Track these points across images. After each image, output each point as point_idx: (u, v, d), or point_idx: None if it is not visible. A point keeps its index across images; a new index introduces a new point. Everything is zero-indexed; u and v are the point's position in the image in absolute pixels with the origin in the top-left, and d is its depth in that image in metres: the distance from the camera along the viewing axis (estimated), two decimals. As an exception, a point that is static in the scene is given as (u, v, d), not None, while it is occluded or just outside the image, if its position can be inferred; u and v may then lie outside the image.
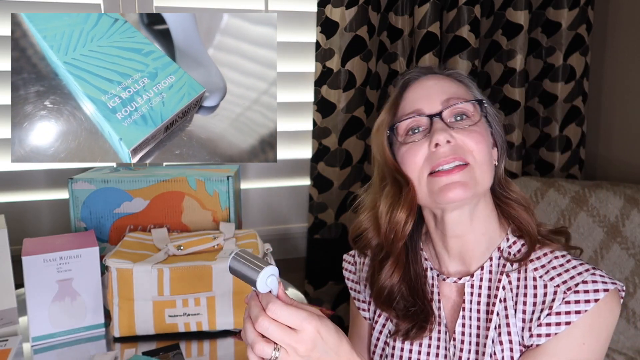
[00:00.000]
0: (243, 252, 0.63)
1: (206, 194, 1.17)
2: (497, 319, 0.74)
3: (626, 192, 1.37)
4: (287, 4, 1.47)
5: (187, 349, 0.95)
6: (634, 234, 1.32)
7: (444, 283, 0.80)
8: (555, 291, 0.71)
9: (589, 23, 1.57)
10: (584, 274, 0.71)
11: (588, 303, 0.69)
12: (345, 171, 1.50)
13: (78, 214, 1.15)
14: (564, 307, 0.70)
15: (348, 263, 0.94)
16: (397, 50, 1.50)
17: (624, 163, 1.60)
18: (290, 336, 0.61)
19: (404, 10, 1.47)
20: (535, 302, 0.72)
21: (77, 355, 0.94)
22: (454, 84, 0.79)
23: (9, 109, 1.08)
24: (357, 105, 1.47)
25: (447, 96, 0.76)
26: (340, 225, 1.53)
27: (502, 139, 0.81)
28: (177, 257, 1.00)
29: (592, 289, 0.70)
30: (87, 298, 0.99)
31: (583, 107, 1.62)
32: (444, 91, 0.77)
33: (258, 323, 0.60)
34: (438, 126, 0.74)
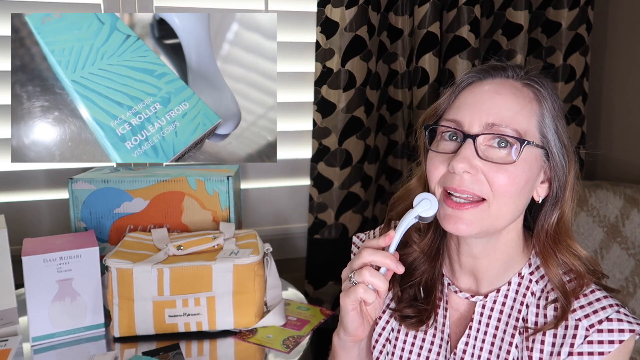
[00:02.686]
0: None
1: (206, 194, 1.17)
2: (515, 351, 0.71)
3: (626, 192, 1.36)
4: (287, 4, 1.47)
5: (187, 349, 0.95)
6: (634, 234, 1.32)
7: (454, 294, 0.79)
8: (576, 325, 0.67)
9: (589, 23, 1.57)
10: (608, 309, 0.67)
11: (612, 344, 0.65)
12: (345, 171, 1.50)
13: (78, 214, 1.15)
14: (586, 347, 0.66)
15: (357, 247, 0.92)
16: (397, 50, 1.50)
17: (624, 163, 1.60)
18: None
19: (404, 10, 1.47)
20: (556, 334, 0.68)
21: (77, 355, 0.94)
22: (519, 99, 0.67)
23: (9, 109, 1.08)
24: (357, 105, 1.47)
25: (493, 119, 0.66)
26: (340, 225, 1.53)
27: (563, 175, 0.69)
28: (177, 257, 1.00)
29: (617, 329, 0.65)
30: (87, 298, 0.99)
31: (583, 107, 1.62)
32: (495, 109, 0.66)
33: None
34: (465, 152, 0.65)
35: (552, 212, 0.71)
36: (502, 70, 0.71)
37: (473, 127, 0.67)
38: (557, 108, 0.69)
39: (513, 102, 0.67)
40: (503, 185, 0.66)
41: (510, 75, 0.70)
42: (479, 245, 0.73)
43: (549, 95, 0.69)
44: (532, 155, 0.68)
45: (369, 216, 1.58)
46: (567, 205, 0.70)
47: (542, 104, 0.68)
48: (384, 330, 0.83)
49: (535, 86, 0.69)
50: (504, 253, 0.74)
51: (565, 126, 0.70)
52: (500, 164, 0.66)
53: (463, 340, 0.75)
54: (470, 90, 0.70)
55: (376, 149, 1.56)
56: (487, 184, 0.66)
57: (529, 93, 0.69)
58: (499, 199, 0.66)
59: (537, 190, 0.71)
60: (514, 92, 0.68)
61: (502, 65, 0.71)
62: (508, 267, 0.74)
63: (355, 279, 0.70)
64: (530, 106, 0.68)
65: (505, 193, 0.66)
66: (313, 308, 1.12)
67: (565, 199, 0.70)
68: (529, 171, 0.67)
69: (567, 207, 0.71)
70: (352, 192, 1.52)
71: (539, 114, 0.68)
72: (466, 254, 0.75)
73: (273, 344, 0.97)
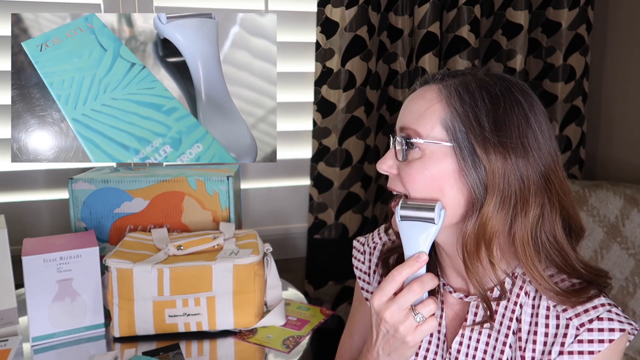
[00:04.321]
0: (405, 200, 0.71)
1: (206, 194, 1.17)
2: (509, 351, 0.71)
3: (626, 192, 1.36)
4: (287, 4, 1.47)
5: (187, 349, 0.95)
6: (634, 234, 1.32)
7: (449, 294, 0.79)
8: (567, 324, 0.67)
9: (589, 23, 1.57)
10: (599, 308, 0.67)
11: (602, 343, 0.65)
12: (345, 171, 1.50)
13: (78, 214, 1.15)
14: (576, 346, 0.66)
15: (357, 251, 0.92)
16: (397, 50, 1.50)
17: (624, 163, 1.60)
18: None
19: (404, 10, 1.47)
20: (547, 332, 0.69)
21: (77, 355, 0.94)
22: (425, 102, 0.70)
23: (9, 109, 1.08)
24: (357, 105, 1.47)
25: (402, 123, 0.72)
26: (340, 226, 1.53)
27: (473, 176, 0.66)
28: (177, 257, 1.00)
29: (608, 328, 0.65)
30: (87, 298, 0.99)
31: (583, 107, 1.62)
32: (404, 114, 0.73)
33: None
34: (386, 155, 0.74)
35: (472, 216, 0.68)
36: (425, 80, 0.75)
37: (395, 133, 0.74)
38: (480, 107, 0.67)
39: (419, 105, 0.71)
40: (407, 182, 0.70)
41: (430, 81, 0.73)
42: (445, 242, 0.74)
43: (461, 95, 0.68)
44: (440, 153, 0.68)
45: (369, 216, 1.58)
46: (491, 214, 0.66)
47: (448, 104, 0.68)
48: None
49: (444, 88, 0.70)
50: None
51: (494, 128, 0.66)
52: (408, 162, 0.71)
53: (457, 340, 0.75)
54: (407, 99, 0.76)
55: (376, 149, 1.56)
56: (401, 182, 0.72)
57: (438, 95, 0.70)
58: (413, 194, 0.70)
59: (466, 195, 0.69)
60: (424, 95, 0.71)
61: (434, 73, 0.74)
62: (490, 267, 0.70)
63: (423, 315, 0.68)
64: (434, 107, 0.69)
65: (413, 188, 0.70)
66: (313, 308, 1.13)
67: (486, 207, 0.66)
68: (434, 167, 0.68)
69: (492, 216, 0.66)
70: (352, 192, 1.52)
71: (442, 113, 0.68)
72: (443, 252, 0.77)
73: (273, 344, 0.97)
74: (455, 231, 0.72)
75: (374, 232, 0.92)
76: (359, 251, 0.92)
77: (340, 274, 1.56)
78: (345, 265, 0.88)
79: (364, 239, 0.92)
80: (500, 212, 0.67)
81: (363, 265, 0.90)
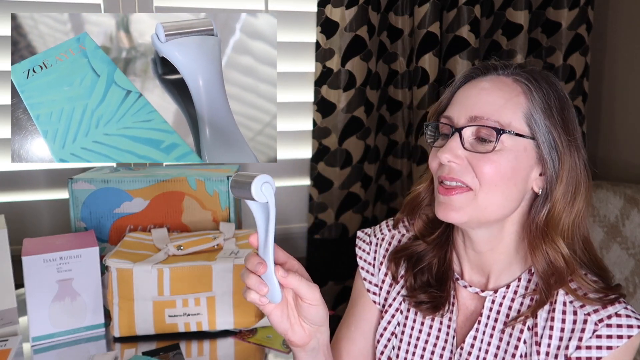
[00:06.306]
0: (240, 173, 0.64)
1: (206, 194, 1.17)
2: (524, 346, 0.72)
3: (626, 192, 1.36)
4: (287, 4, 1.47)
5: (187, 349, 0.95)
6: (634, 234, 1.32)
7: (462, 289, 0.79)
8: (585, 320, 0.69)
9: (589, 23, 1.57)
10: (617, 305, 0.69)
11: (620, 339, 0.67)
12: (345, 171, 1.50)
13: (78, 214, 1.15)
14: (594, 341, 0.68)
15: (363, 242, 0.90)
16: (397, 50, 1.50)
17: (624, 163, 1.60)
18: None
19: (404, 10, 1.47)
20: (564, 328, 0.70)
21: (77, 355, 0.94)
22: (505, 94, 0.70)
23: (9, 109, 1.08)
24: (357, 105, 1.47)
25: (476, 113, 0.70)
26: (340, 226, 1.53)
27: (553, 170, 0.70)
28: (177, 257, 1.00)
29: (626, 324, 0.68)
30: (87, 298, 0.99)
31: (583, 107, 1.62)
32: (480, 104, 0.70)
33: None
34: (450, 144, 0.70)
35: (543, 206, 0.72)
36: (493, 68, 0.75)
37: (460, 121, 0.71)
38: (553, 103, 0.71)
39: (498, 97, 0.70)
40: (486, 174, 0.69)
41: (501, 72, 0.74)
42: (482, 238, 0.75)
43: (540, 89, 0.71)
44: (520, 146, 0.70)
45: (369, 216, 1.58)
46: (558, 202, 0.71)
47: (529, 98, 0.70)
48: (389, 325, 0.83)
49: (524, 81, 0.71)
50: (508, 247, 0.75)
51: (563, 123, 0.71)
52: (484, 154, 0.69)
53: (471, 335, 0.76)
54: (463, 88, 0.75)
55: (376, 149, 1.56)
56: (473, 173, 0.69)
57: (517, 87, 0.71)
58: (484, 187, 0.69)
59: (536, 182, 0.72)
60: (501, 87, 0.71)
61: (494, 64, 0.75)
62: (515, 262, 0.76)
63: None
64: (516, 100, 0.70)
65: (489, 181, 0.69)
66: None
67: (555, 195, 0.71)
68: (514, 161, 0.69)
69: (559, 204, 0.71)
70: (352, 192, 1.52)
71: (525, 107, 0.70)
72: (471, 248, 0.77)
73: (273, 344, 0.97)
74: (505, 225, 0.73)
75: (380, 224, 0.90)
76: (364, 241, 0.90)
77: (340, 274, 1.56)
78: (345, 265, 0.88)
79: (370, 230, 0.91)
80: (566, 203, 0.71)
81: (368, 255, 0.89)
